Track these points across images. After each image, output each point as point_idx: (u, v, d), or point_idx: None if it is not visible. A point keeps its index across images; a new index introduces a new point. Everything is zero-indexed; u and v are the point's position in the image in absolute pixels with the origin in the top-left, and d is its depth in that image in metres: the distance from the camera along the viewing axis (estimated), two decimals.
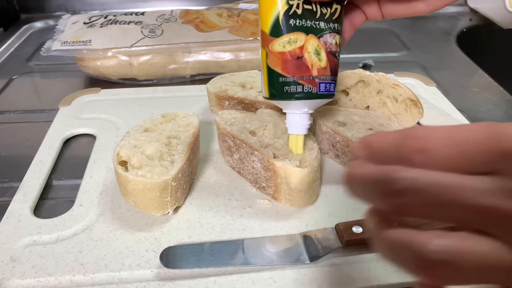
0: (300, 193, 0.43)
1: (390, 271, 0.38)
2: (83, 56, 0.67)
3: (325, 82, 0.39)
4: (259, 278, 0.38)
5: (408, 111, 0.55)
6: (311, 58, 0.38)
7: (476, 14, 1.00)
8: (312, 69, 0.38)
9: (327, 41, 0.39)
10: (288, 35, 0.37)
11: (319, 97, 0.39)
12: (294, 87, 0.38)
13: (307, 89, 0.38)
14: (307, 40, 0.38)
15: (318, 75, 0.38)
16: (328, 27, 0.38)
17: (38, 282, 0.37)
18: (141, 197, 0.41)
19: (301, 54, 0.38)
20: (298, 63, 0.38)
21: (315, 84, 0.38)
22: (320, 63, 0.38)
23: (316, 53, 0.38)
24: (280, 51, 0.38)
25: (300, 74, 0.38)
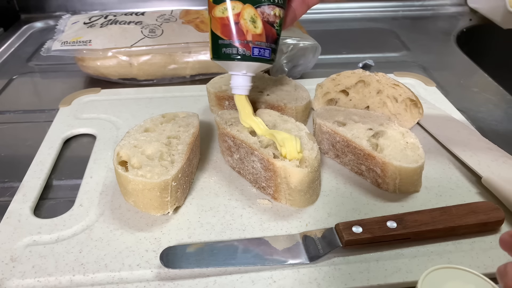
0: (300, 193, 0.43)
1: (390, 271, 0.38)
2: (83, 56, 0.67)
3: (259, 48, 0.44)
4: (259, 278, 0.38)
5: (408, 111, 0.55)
6: (246, 25, 0.43)
7: (476, 14, 1.00)
8: (247, 34, 0.43)
9: (264, 12, 0.43)
10: (226, 2, 0.43)
11: (253, 60, 0.44)
12: (230, 49, 0.44)
13: (241, 52, 0.43)
14: (243, 8, 0.42)
15: (252, 40, 0.43)
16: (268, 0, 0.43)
17: (38, 282, 0.37)
18: (141, 197, 0.41)
19: (237, 20, 0.43)
20: (235, 28, 0.43)
21: (249, 48, 0.43)
22: (256, 30, 0.43)
23: (252, 21, 0.43)
24: (219, 16, 0.43)
25: (235, 37, 0.43)
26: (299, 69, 0.71)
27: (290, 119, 0.50)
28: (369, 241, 0.39)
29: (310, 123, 0.59)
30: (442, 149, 0.54)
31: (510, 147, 0.53)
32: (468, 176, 0.50)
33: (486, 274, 0.32)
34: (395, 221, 0.40)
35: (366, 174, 0.48)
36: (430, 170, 0.50)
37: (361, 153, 0.47)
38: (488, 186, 0.47)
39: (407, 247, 0.40)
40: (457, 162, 0.52)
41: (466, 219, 0.41)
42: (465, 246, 0.41)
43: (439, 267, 0.32)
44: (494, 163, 0.49)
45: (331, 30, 0.95)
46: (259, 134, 0.47)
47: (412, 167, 0.44)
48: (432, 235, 0.41)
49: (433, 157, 0.53)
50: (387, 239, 0.40)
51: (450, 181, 0.49)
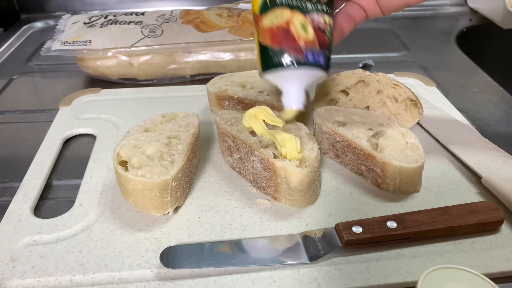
0: (300, 193, 0.43)
1: (390, 271, 0.38)
2: (83, 56, 0.67)
3: (313, 52, 0.41)
4: (259, 278, 0.38)
5: (408, 111, 0.55)
6: (297, 31, 0.40)
7: (476, 14, 1.00)
8: (299, 40, 0.40)
9: (314, 19, 0.41)
10: (274, 10, 0.40)
11: (307, 65, 0.40)
12: (282, 56, 0.40)
13: (295, 57, 0.40)
14: (292, 15, 0.40)
15: (305, 46, 0.40)
16: (316, 8, 0.41)
17: (38, 282, 0.37)
18: (141, 197, 0.41)
19: (288, 27, 0.40)
20: (285, 35, 0.40)
21: (302, 53, 0.40)
22: (307, 36, 0.40)
23: (303, 27, 0.40)
24: (268, 26, 0.41)
25: (287, 44, 0.40)
26: None
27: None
28: (369, 241, 0.39)
29: (310, 123, 0.59)
30: (442, 149, 0.54)
31: (510, 147, 0.53)
32: (468, 176, 0.50)
33: (486, 274, 0.32)
34: (395, 221, 0.40)
35: (366, 174, 0.48)
36: (430, 170, 0.50)
37: (361, 153, 0.47)
38: (488, 186, 0.47)
39: (407, 247, 0.40)
40: (457, 162, 0.52)
41: (466, 219, 0.41)
42: (465, 246, 0.41)
43: (439, 267, 0.32)
44: (494, 163, 0.49)
45: None
46: (259, 134, 0.47)
47: (412, 167, 0.44)
48: (432, 235, 0.41)
49: (433, 157, 0.53)
50: (387, 239, 0.40)
51: (450, 181, 0.49)
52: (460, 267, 0.32)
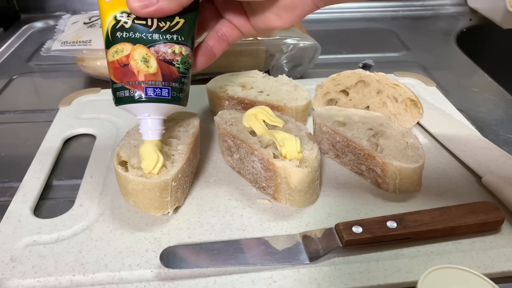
0: (300, 193, 0.43)
1: (390, 271, 0.38)
2: (83, 56, 0.67)
3: (154, 87, 0.40)
4: (259, 278, 0.38)
5: (408, 111, 0.55)
6: (137, 65, 0.40)
7: (476, 14, 1.00)
8: (138, 75, 0.40)
9: (159, 50, 0.40)
10: (116, 45, 0.40)
11: (148, 101, 0.40)
12: (122, 92, 0.40)
13: (132, 93, 0.40)
14: (133, 49, 0.40)
15: (145, 80, 0.40)
16: (164, 38, 0.40)
17: (38, 282, 0.37)
18: (141, 197, 0.41)
19: (127, 61, 0.40)
20: (125, 70, 0.40)
21: (141, 88, 0.40)
22: (149, 69, 0.40)
23: (144, 61, 0.40)
24: (111, 60, 0.40)
25: (126, 79, 0.40)
26: (299, 69, 0.71)
27: (290, 119, 0.50)
28: (369, 241, 0.39)
29: (310, 123, 0.59)
30: (442, 149, 0.54)
31: (510, 147, 0.53)
32: (468, 176, 0.50)
33: (486, 274, 0.32)
34: (395, 221, 0.40)
35: (366, 174, 0.48)
36: (430, 170, 0.50)
37: (361, 153, 0.47)
38: (488, 186, 0.47)
39: (407, 247, 0.40)
40: (457, 162, 0.52)
41: (466, 219, 0.41)
42: (465, 246, 0.41)
43: (439, 267, 0.32)
44: (494, 163, 0.49)
45: (331, 30, 0.95)
46: (259, 134, 0.47)
47: (412, 167, 0.44)
48: (432, 235, 0.41)
49: (433, 157, 0.53)
50: (387, 239, 0.40)
51: (450, 181, 0.49)
52: (460, 267, 0.32)
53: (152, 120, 0.42)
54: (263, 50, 0.70)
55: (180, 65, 0.42)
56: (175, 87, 0.42)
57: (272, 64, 0.70)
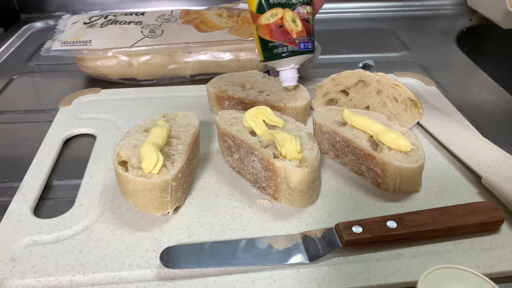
0: (300, 193, 0.43)
1: (390, 271, 0.38)
2: (83, 56, 0.67)
3: (303, 42, 0.52)
4: (259, 278, 0.38)
5: (408, 111, 0.55)
6: (290, 25, 0.51)
7: (476, 14, 1.00)
8: (292, 33, 0.51)
9: (300, 11, 0.52)
10: (270, 11, 0.51)
11: (301, 53, 0.52)
12: (281, 48, 0.52)
13: (291, 48, 0.51)
14: (284, 13, 0.51)
15: (297, 37, 0.51)
16: (299, 1, 0.52)
17: (38, 282, 0.37)
18: (141, 197, 0.41)
19: (282, 23, 0.51)
20: (281, 30, 0.51)
21: (296, 44, 0.52)
22: (297, 28, 0.51)
23: (293, 21, 0.51)
24: (266, 23, 0.51)
25: (284, 38, 0.51)
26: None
27: (290, 119, 0.50)
28: (369, 241, 0.39)
29: (310, 123, 0.59)
30: (442, 149, 0.54)
31: (510, 147, 0.53)
32: (468, 176, 0.50)
33: (486, 274, 0.32)
34: (395, 221, 0.40)
35: (366, 174, 0.48)
36: (430, 170, 0.50)
37: (361, 153, 0.47)
38: (488, 186, 0.47)
39: (407, 247, 0.40)
40: (457, 162, 0.52)
41: (466, 219, 0.41)
42: (465, 246, 0.41)
43: (439, 267, 0.32)
44: (494, 163, 0.49)
45: (331, 30, 0.95)
46: (259, 134, 0.47)
47: (412, 167, 0.44)
48: (432, 235, 0.41)
49: (433, 157, 0.53)
50: (387, 239, 0.40)
51: (450, 181, 0.49)
52: (460, 267, 0.32)
53: (295, 69, 0.54)
54: None
55: (312, 22, 0.53)
56: (313, 40, 0.54)
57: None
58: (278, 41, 0.51)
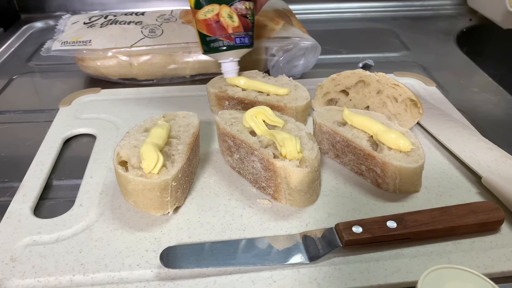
0: (300, 193, 0.43)
1: (390, 271, 0.38)
2: (83, 56, 0.67)
3: (240, 37, 0.54)
4: (259, 278, 0.38)
5: (408, 111, 0.55)
6: (226, 21, 0.53)
7: (476, 14, 1.00)
8: (228, 28, 0.54)
9: (237, 7, 0.54)
10: (206, 7, 0.53)
11: (237, 47, 0.55)
12: (217, 42, 0.54)
13: (227, 43, 0.54)
14: (221, 9, 0.53)
15: (233, 32, 0.54)
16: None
17: (38, 282, 0.37)
18: (141, 197, 0.41)
19: (218, 19, 0.53)
20: (217, 26, 0.54)
21: (232, 39, 0.54)
22: (233, 23, 0.53)
23: (230, 17, 0.53)
24: (203, 18, 0.54)
25: (220, 33, 0.54)
26: (299, 69, 0.71)
27: (290, 119, 0.50)
28: (369, 241, 0.39)
29: (310, 123, 0.59)
30: (442, 149, 0.54)
31: (510, 147, 0.53)
32: (468, 176, 0.50)
33: (486, 274, 0.32)
34: (395, 221, 0.40)
35: (366, 174, 0.48)
36: (430, 170, 0.50)
37: (361, 153, 0.47)
38: (488, 186, 0.47)
39: (407, 247, 0.40)
40: (457, 162, 0.52)
41: (466, 219, 0.41)
42: (465, 246, 0.41)
43: (439, 267, 0.32)
44: (494, 163, 0.49)
45: (331, 30, 0.95)
46: (259, 134, 0.47)
47: (412, 167, 0.44)
48: (432, 235, 0.41)
49: (433, 157, 0.53)
50: (387, 239, 0.40)
51: (450, 181, 0.49)
52: (460, 267, 0.32)
53: (234, 62, 0.57)
54: (263, 50, 0.70)
55: (251, 17, 0.56)
56: (251, 35, 0.56)
57: (272, 64, 0.70)
58: (214, 36, 0.54)
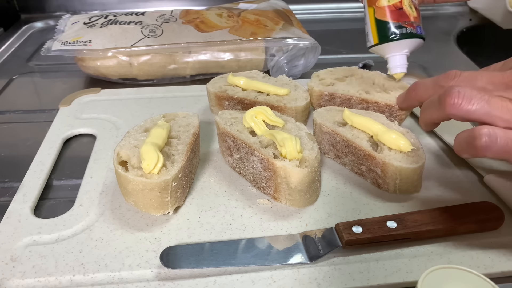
0: (300, 193, 0.43)
1: (390, 271, 0.38)
2: (83, 56, 0.67)
3: (419, 26, 0.54)
4: (259, 278, 0.38)
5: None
6: (408, 9, 0.54)
7: (476, 14, 1.00)
8: (410, 17, 0.54)
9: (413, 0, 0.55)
10: None
11: (417, 36, 0.54)
12: (399, 29, 0.53)
13: (410, 30, 0.53)
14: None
15: (414, 21, 0.54)
16: None
17: (38, 282, 0.37)
18: (141, 197, 0.41)
19: (401, 6, 0.54)
20: (400, 13, 0.54)
21: (414, 26, 0.54)
22: (413, 13, 0.54)
23: (410, 7, 0.54)
24: (386, 5, 0.54)
25: (403, 19, 0.53)
26: (299, 69, 0.71)
27: (290, 119, 0.50)
28: (369, 241, 0.39)
29: (310, 123, 0.59)
30: (443, 149, 0.54)
31: None
32: (468, 176, 0.50)
33: (486, 274, 0.32)
34: (395, 221, 0.40)
35: (366, 175, 0.48)
36: (430, 170, 0.50)
37: (362, 153, 0.47)
38: (490, 186, 0.47)
39: (407, 247, 0.40)
40: (457, 162, 0.52)
41: (466, 219, 0.41)
42: (465, 246, 0.41)
43: (439, 267, 0.32)
44: (495, 162, 0.49)
45: (331, 30, 0.95)
46: (259, 134, 0.47)
47: (413, 167, 0.44)
48: (432, 235, 0.41)
49: (433, 157, 0.53)
50: (387, 239, 0.40)
51: (450, 181, 0.49)
52: (460, 267, 0.32)
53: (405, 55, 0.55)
54: (263, 50, 0.70)
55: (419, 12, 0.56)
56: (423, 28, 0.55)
57: (272, 64, 0.70)
58: (398, 22, 0.53)
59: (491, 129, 0.33)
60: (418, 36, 0.53)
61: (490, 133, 0.33)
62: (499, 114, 0.34)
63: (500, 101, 0.34)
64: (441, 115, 0.37)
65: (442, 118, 0.39)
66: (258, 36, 0.70)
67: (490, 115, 0.34)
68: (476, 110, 0.34)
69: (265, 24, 0.73)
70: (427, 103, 0.40)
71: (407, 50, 0.54)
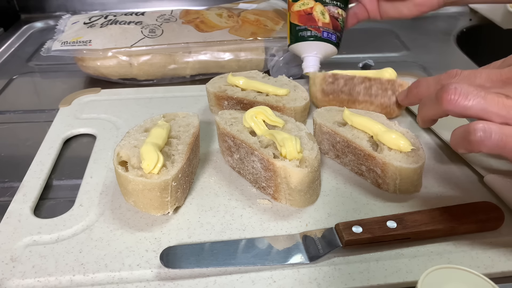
0: (300, 193, 0.43)
1: (390, 271, 0.38)
2: (83, 56, 0.67)
3: (327, 32, 0.59)
4: (259, 278, 0.38)
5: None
6: (317, 15, 0.59)
7: (476, 14, 1.00)
8: (318, 22, 0.59)
9: (330, 9, 0.60)
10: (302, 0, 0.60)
11: (323, 40, 0.59)
12: (305, 32, 0.59)
13: (314, 33, 0.59)
14: (315, 4, 0.60)
15: (322, 26, 0.59)
16: (332, 2, 0.60)
17: (38, 282, 0.37)
18: (141, 197, 0.41)
19: (311, 11, 0.59)
20: (309, 17, 0.59)
21: (320, 31, 0.59)
22: (324, 20, 0.59)
23: (322, 13, 0.59)
24: (297, 10, 0.60)
25: (310, 23, 0.59)
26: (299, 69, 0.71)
27: (290, 119, 0.50)
28: (369, 241, 0.39)
29: (310, 123, 0.59)
30: (443, 149, 0.54)
31: None
32: (468, 176, 0.50)
33: (486, 274, 0.32)
34: (395, 221, 0.40)
35: (366, 175, 0.48)
36: (430, 170, 0.50)
37: (362, 153, 0.47)
38: (490, 186, 0.47)
39: (407, 247, 0.40)
40: (457, 162, 0.52)
41: (466, 219, 0.41)
42: (465, 246, 0.41)
43: (439, 267, 0.32)
44: (495, 162, 0.49)
45: None
46: (259, 134, 0.47)
47: (413, 167, 0.44)
48: (432, 235, 0.41)
49: (433, 157, 0.53)
50: (387, 239, 0.40)
51: (450, 181, 0.49)
52: (460, 267, 0.32)
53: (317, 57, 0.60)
54: (263, 50, 0.70)
55: (341, 23, 0.61)
56: (338, 36, 0.61)
57: (272, 64, 0.70)
58: (304, 25, 0.59)
59: (486, 125, 0.33)
60: (323, 40, 0.59)
61: (485, 128, 0.33)
62: (495, 110, 0.34)
63: (497, 97, 0.34)
64: (438, 111, 0.38)
65: (440, 115, 0.39)
66: (258, 36, 0.70)
67: (486, 111, 0.34)
68: (472, 106, 0.34)
69: (265, 24, 0.73)
70: (425, 100, 0.40)
71: (316, 52, 0.60)
